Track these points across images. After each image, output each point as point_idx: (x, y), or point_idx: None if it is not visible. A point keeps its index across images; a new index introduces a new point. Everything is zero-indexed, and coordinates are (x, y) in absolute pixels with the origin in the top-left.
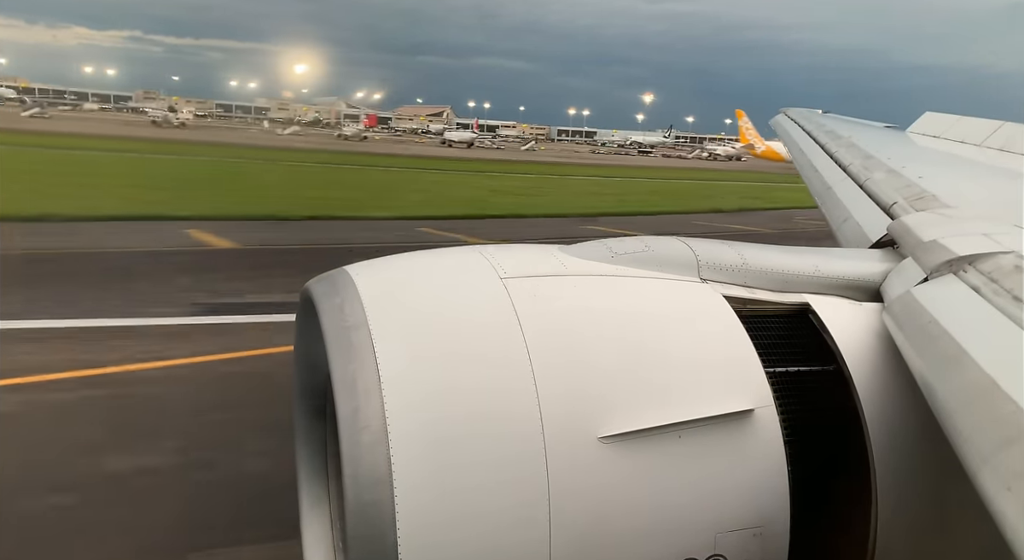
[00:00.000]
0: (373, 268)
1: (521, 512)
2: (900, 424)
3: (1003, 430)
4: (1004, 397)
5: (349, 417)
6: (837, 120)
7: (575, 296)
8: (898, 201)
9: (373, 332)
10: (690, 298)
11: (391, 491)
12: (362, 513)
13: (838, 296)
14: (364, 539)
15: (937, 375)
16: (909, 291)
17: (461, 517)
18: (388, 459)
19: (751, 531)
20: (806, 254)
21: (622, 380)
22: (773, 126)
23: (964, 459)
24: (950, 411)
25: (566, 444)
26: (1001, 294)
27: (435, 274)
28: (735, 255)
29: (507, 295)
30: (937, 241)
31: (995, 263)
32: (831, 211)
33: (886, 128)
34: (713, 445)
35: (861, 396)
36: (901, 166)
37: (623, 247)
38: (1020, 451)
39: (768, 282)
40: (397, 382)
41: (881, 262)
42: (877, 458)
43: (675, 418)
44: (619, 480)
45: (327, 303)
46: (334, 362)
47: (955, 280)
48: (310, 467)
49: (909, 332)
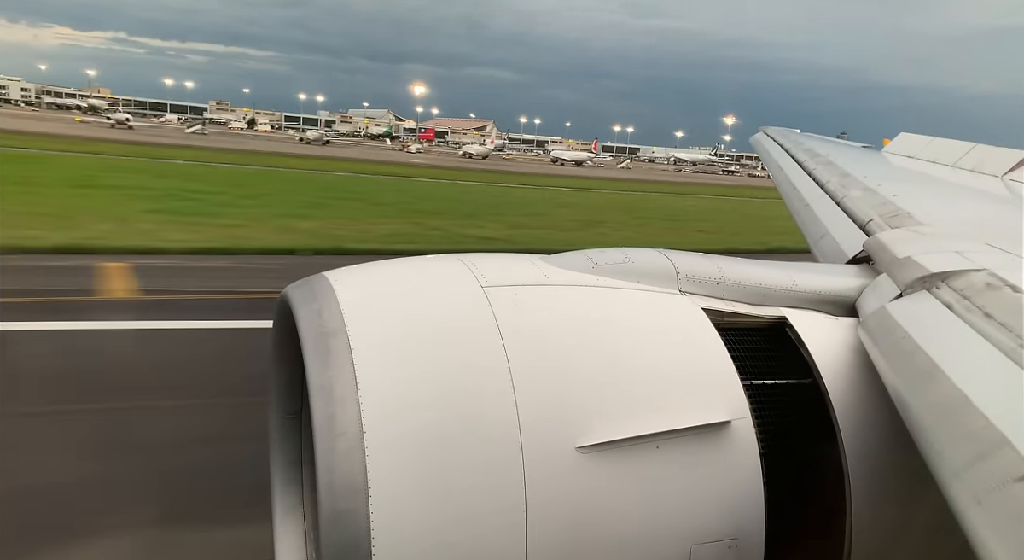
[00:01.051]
0: (353, 274)
1: (498, 521)
2: (874, 437)
3: (974, 445)
4: (975, 412)
5: (325, 424)
6: (815, 139)
7: (556, 306)
8: (874, 218)
9: (352, 338)
10: (669, 310)
11: (366, 500)
12: (336, 522)
13: (815, 310)
14: (337, 548)
15: (911, 390)
16: (884, 307)
17: (437, 526)
18: (364, 467)
19: (726, 543)
20: (784, 269)
21: (601, 390)
22: (753, 143)
23: (936, 473)
24: (923, 425)
25: (544, 453)
26: (973, 311)
27: (416, 281)
28: (714, 268)
29: (488, 303)
30: (911, 258)
31: (967, 280)
32: (809, 227)
33: (863, 147)
34: (690, 456)
35: (836, 409)
36: (877, 184)
37: (604, 258)
38: (990, 466)
39: (746, 295)
40: (375, 389)
41: (857, 278)
42: (852, 471)
43: (653, 428)
44: (596, 490)
45: (305, 309)
46: (311, 368)
47: (928, 296)
48: (284, 475)
49: (884, 347)
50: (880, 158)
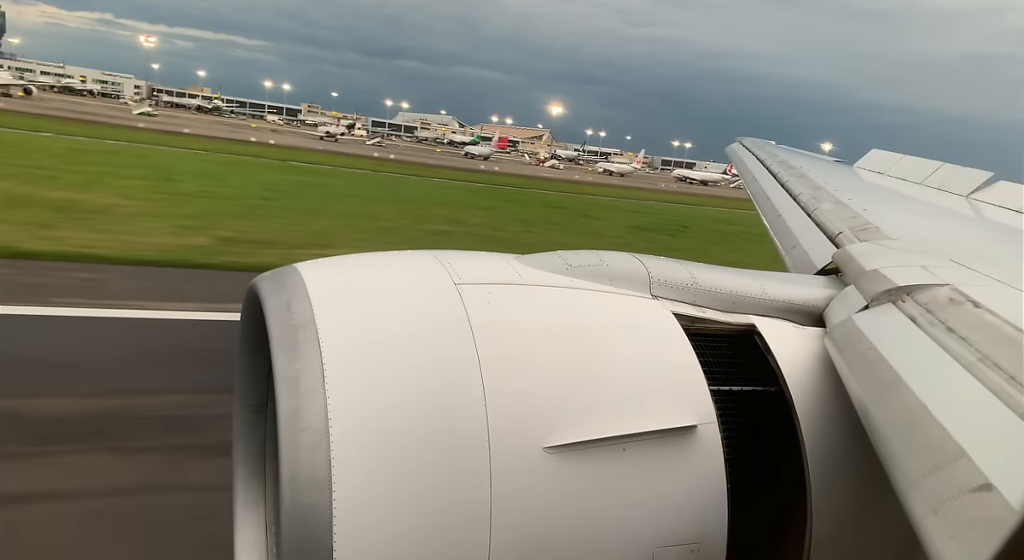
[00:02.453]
0: (324, 267)
1: (461, 518)
2: (837, 445)
3: (932, 456)
4: (935, 424)
5: (290, 416)
6: (789, 151)
7: (528, 306)
8: (843, 231)
9: (320, 331)
10: (641, 314)
11: (330, 495)
12: (298, 516)
13: (783, 319)
14: (299, 542)
15: (873, 400)
16: (850, 318)
17: (400, 522)
18: (328, 462)
19: (689, 547)
20: (754, 277)
21: (570, 391)
22: (728, 153)
23: (895, 482)
24: (884, 435)
25: (511, 452)
26: (936, 324)
27: (388, 276)
28: (686, 274)
29: (460, 301)
30: (879, 271)
31: (931, 295)
32: (780, 237)
33: (835, 162)
34: (656, 460)
35: (800, 417)
36: (848, 198)
37: (578, 260)
38: (947, 477)
39: (717, 302)
40: (342, 383)
41: (825, 288)
42: (813, 478)
43: (620, 431)
44: (561, 490)
45: (274, 299)
46: (278, 359)
47: (894, 309)
48: (247, 469)
49: (849, 357)
50: (851, 173)
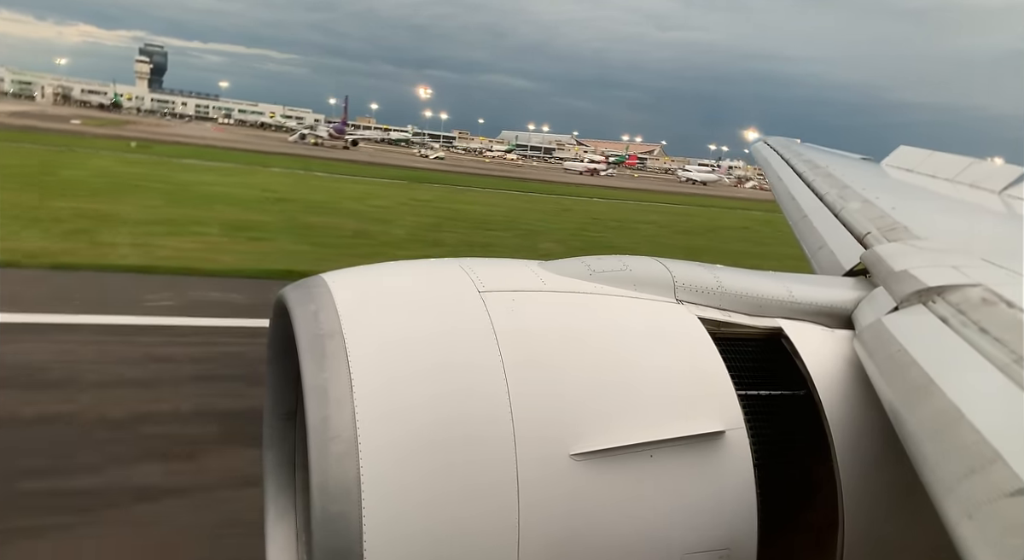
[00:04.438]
0: (350, 277)
1: (490, 526)
2: (868, 450)
3: (967, 460)
4: (969, 427)
5: (319, 426)
6: (815, 150)
7: (552, 312)
8: (871, 231)
9: (348, 341)
10: (666, 319)
11: (359, 503)
12: (329, 525)
13: (810, 322)
14: (329, 551)
15: (905, 403)
16: (880, 319)
17: (429, 531)
18: (357, 470)
19: (718, 553)
20: (780, 280)
21: (596, 397)
22: (753, 153)
23: (929, 486)
24: (917, 439)
25: (537, 459)
26: (968, 326)
27: (413, 285)
28: (711, 278)
29: (485, 309)
30: (908, 271)
31: (963, 295)
32: (806, 238)
33: (862, 159)
34: (684, 466)
35: (830, 421)
36: (875, 197)
37: (601, 265)
38: (982, 481)
39: (743, 306)
40: (370, 392)
41: (853, 290)
42: (845, 483)
43: (647, 437)
44: (589, 497)
45: (302, 310)
46: (306, 369)
47: (924, 310)
48: (277, 478)
49: (879, 360)
50: (879, 171)
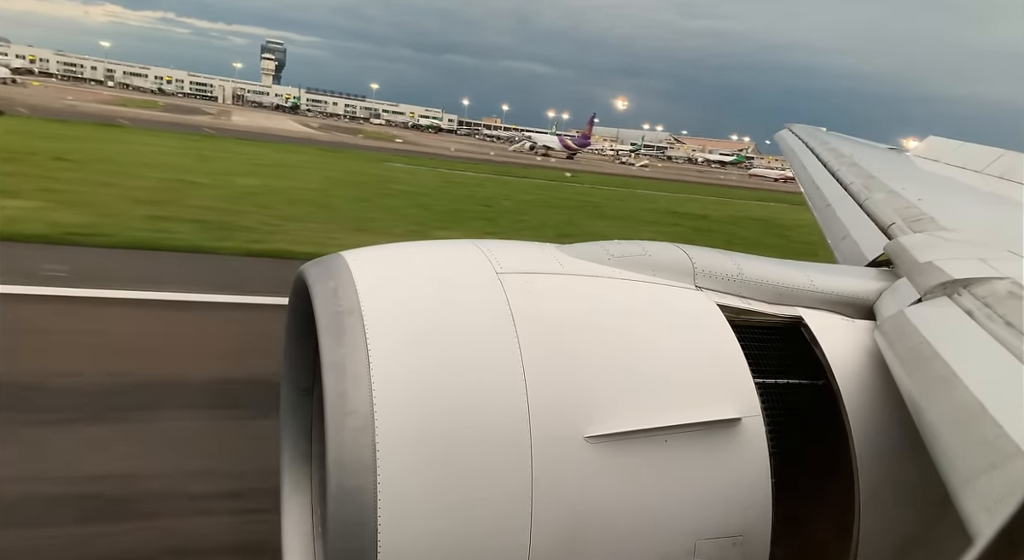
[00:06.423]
0: (369, 255)
1: (503, 504)
2: (886, 440)
3: (987, 454)
4: (991, 421)
5: (336, 401)
6: (840, 138)
7: (570, 295)
8: (896, 222)
9: (366, 318)
10: (684, 305)
11: (374, 478)
12: (344, 498)
13: (831, 311)
14: (344, 524)
15: (926, 395)
16: (902, 311)
17: (443, 506)
18: (373, 445)
19: (732, 539)
20: (802, 268)
21: (612, 381)
22: (777, 140)
23: (947, 479)
24: (937, 432)
25: (552, 440)
26: (994, 319)
27: (431, 265)
28: (732, 265)
29: (502, 290)
30: (933, 263)
31: (990, 288)
32: (830, 228)
33: (889, 149)
34: (698, 452)
35: (849, 411)
36: (901, 187)
37: (621, 250)
38: (1002, 475)
39: (763, 294)
40: (387, 369)
41: (876, 280)
42: (862, 473)
43: (662, 422)
44: (603, 480)
45: (321, 286)
46: (325, 345)
47: (949, 302)
48: (294, 452)
49: (900, 351)
50: (906, 161)
